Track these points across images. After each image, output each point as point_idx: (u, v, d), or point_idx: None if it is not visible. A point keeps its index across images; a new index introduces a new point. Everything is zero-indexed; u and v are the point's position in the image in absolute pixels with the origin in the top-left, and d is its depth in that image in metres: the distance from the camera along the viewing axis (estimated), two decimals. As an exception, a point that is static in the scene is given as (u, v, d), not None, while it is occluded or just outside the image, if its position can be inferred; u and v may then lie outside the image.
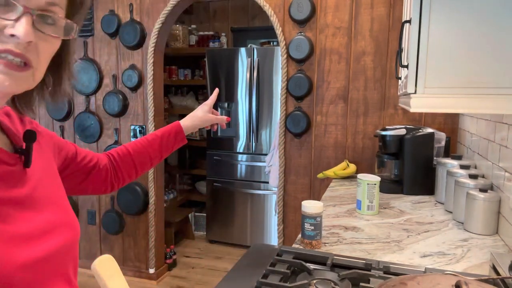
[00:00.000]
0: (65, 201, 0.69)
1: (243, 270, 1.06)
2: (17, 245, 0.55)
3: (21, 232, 0.57)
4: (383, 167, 2.09)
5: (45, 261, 0.59)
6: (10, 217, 0.57)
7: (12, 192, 0.58)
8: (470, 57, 0.87)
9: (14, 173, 0.60)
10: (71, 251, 0.66)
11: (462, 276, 0.65)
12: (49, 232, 0.61)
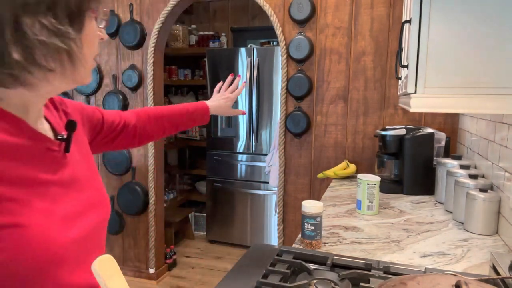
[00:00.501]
0: (99, 181, 0.76)
1: (243, 270, 1.06)
2: (67, 223, 0.62)
3: (69, 211, 0.64)
4: (383, 167, 2.09)
5: (89, 236, 0.66)
6: (59, 197, 0.63)
7: (58, 175, 0.64)
8: (470, 57, 0.87)
9: (57, 158, 0.66)
10: (105, 226, 0.75)
11: (462, 276, 0.65)
12: (89, 210, 0.68)
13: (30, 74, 0.57)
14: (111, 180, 3.05)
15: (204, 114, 1.23)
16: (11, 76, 0.56)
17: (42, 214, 0.58)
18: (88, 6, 0.60)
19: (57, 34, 0.56)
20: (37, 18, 0.55)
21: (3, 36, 0.53)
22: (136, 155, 2.97)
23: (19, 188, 0.57)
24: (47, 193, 0.61)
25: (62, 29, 0.57)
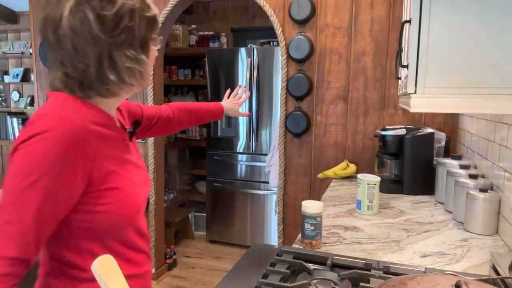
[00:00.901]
0: (144, 163, 1.02)
1: (243, 270, 1.06)
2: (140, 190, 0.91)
3: (138, 181, 0.91)
4: (383, 167, 2.09)
5: (146, 200, 0.97)
6: (132, 172, 0.90)
7: (129, 157, 0.91)
8: (470, 57, 0.87)
9: (127, 145, 0.93)
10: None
11: (462, 276, 0.65)
12: (145, 183, 0.96)
13: (119, 89, 0.84)
14: (111, 180, 3.05)
15: (220, 113, 1.54)
16: (107, 90, 0.83)
17: (128, 181, 0.86)
18: (150, 37, 0.87)
19: (136, 61, 0.83)
20: (123, 51, 0.81)
21: (102, 64, 0.80)
22: (136, 155, 2.97)
23: (115, 165, 0.84)
24: (127, 168, 0.88)
25: (138, 57, 0.84)
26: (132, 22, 0.81)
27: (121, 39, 0.80)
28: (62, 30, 0.78)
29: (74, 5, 0.77)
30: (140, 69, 0.84)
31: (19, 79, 4.97)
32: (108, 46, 0.79)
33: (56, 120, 0.75)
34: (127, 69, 0.82)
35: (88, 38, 0.78)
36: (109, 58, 0.80)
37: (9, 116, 4.97)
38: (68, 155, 0.74)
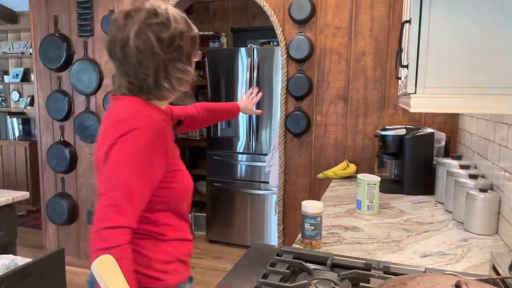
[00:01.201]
0: None
1: (243, 270, 1.06)
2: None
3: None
4: (383, 167, 2.09)
5: None
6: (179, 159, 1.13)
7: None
8: (470, 57, 0.87)
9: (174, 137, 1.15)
10: None
11: (462, 276, 0.65)
12: None
13: (170, 94, 1.07)
14: (111, 180, 3.05)
15: (236, 112, 1.72)
16: (161, 95, 1.06)
17: (183, 165, 1.13)
18: (193, 52, 1.08)
19: (184, 72, 1.05)
20: (175, 65, 1.03)
21: (159, 75, 1.02)
22: (136, 155, 2.97)
23: (175, 151, 1.10)
24: (179, 158, 1.13)
25: (186, 69, 1.06)
26: (182, 42, 1.04)
27: (173, 55, 1.02)
28: (128, 48, 1.01)
29: (138, 30, 0.99)
30: (186, 78, 1.08)
31: (19, 79, 4.97)
32: (164, 61, 1.02)
33: (143, 118, 0.99)
34: (177, 79, 1.05)
35: (149, 55, 1.00)
36: (164, 70, 1.03)
37: (9, 116, 4.97)
38: (156, 142, 0.98)
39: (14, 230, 2.18)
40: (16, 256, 1.81)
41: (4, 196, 2.13)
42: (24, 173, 4.89)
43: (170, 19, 1.03)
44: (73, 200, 3.17)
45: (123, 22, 1.01)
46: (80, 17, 2.98)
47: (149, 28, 0.99)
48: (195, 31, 1.09)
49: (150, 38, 0.99)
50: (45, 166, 3.24)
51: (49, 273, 1.72)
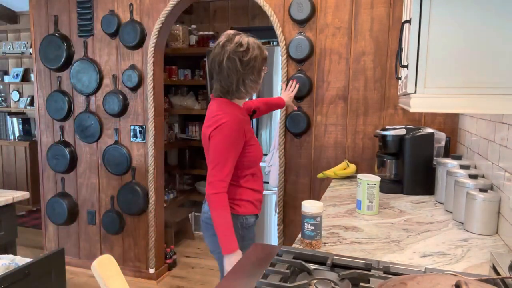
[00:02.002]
0: None
1: (243, 270, 1.06)
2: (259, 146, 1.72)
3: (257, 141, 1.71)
4: (383, 167, 2.09)
5: None
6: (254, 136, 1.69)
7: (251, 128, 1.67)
8: (470, 57, 0.87)
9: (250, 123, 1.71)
10: None
11: (462, 276, 0.65)
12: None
13: (245, 95, 1.66)
14: (111, 180, 3.05)
15: (282, 105, 2.21)
16: (240, 96, 1.65)
17: (255, 141, 1.67)
18: (262, 68, 1.64)
19: (255, 82, 1.63)
20: (249, 77, 1.60)
21: (239, 84, 1.60)
22: (136, 155, 2.97)
23: (250, 133, 1.64)
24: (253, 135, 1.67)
25: (256, 80, 1.64)
26: (255, 63, 1.60)
27: (250, 71, 1.59)
28: (222, 66, 1.58)
29: (228, 55, 1.57)
30: (256, 86, 1.65)
31: (19, 79, 4.98)
32: (243, 75, 1.59)
33: (229, 114, 1.57)
34: (250, 86, 1.62)
35: (234, 71, 1.57)
36: (243, 81, 1.60)
37: (9, 116, 4.98)
38: (238, 131, 1.56)
39: (14, 230, 2.18)
40: (16, 256, 1.81)
41: (4, 196, 2.13)
42: (24, 173, 4.89)
43: (249, 48, 1.59)
44: (73, 200, 3.17)
45: (220, 50, 1.59)
46: (80, 17, 2.98)
47: (235, 53, 1.57)
48: (265, 54, 1.66)
49: (236, 60, 1.56)
50: (45, 166, 3.24)
51: (49, 273, 1.72)
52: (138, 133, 2.95)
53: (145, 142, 2.94)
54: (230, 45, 1.58)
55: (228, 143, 1.54)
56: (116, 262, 1.29)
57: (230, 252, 1.53)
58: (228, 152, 1.54)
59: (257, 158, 1.69)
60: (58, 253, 1.75)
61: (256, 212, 1.78)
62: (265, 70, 1.67)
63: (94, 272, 1.14)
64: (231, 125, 1.54)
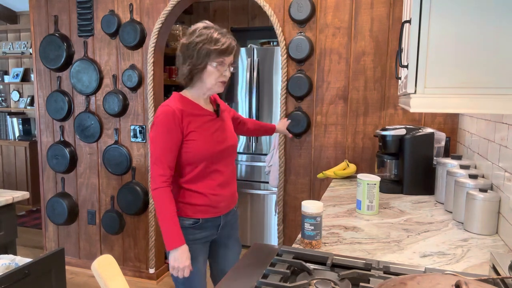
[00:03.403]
0: (232, 128, 1.69)
1: (243, 270, 1.06)
2: (218, 143, 1.57)
3: (219, 139, 1.58)
4: (383, 167, 2.09)
5: (226, 149, 1.60)
6: (218, 133, 1.58)
7: (216, 125, 1.59)
8: (470, 57, 0.87)
9: (214, 119, 1.60)
10: (234, 150, 1.67)
11: (462, 276, 0.65)
12: (227, 139, 1.61)
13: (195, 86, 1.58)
14: (111, 180, 3.05)
15: (272, 131, 2.24)
16: (189, 86, 1.59)
17: (202, 138, 1.53)
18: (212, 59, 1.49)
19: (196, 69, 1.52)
20: (187, 61, 1.51)
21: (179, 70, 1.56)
22: (136, 155, 2.97)
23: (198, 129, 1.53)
24: (208, 130, 1.56)
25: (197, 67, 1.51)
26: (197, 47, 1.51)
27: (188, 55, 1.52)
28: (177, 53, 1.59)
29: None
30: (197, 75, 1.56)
31: (19, 79, 4.98)
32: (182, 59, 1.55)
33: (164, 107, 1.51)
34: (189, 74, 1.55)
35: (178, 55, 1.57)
36: (182, 65, 1.54)
37: (9, 116, 4.98)
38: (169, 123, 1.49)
39: (14, 230, 2.18)
40: (16, 256, 1.81)
41: (4, 196, 2.13)
42: (24, 173, 4.89)
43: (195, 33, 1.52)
44: (73, 200, 3.17)
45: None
46: (80, 17, 2.98)
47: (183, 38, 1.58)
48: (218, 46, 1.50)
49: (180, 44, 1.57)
50: (45, 166, 3.24)
51: (49, 273, 1.72)
52: (138, 133, 2.95)
53: (145, 142, 2.94)
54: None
55: (159, 134, 1.47)
56: (116, 262, 1.29)
57: (173, 248, 1.47)
58: (162, 143, 1.46)
59: (198, 155, 1.51)
60: (58, 253, 1.75)
61: (197, 216, 1.57)
62: (222, 65, 1.51)
63: (94, 272, 1.14)
64: (162, 118, 1.47)
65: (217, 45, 1.47)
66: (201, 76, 1.52)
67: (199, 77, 1.52)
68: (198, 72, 1.51)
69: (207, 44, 1.47)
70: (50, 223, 3.28)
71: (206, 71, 1.50)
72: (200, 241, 1.62)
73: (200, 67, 1.49)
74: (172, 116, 1.47)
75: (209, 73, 1.50)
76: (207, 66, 1.49)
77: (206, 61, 1.48)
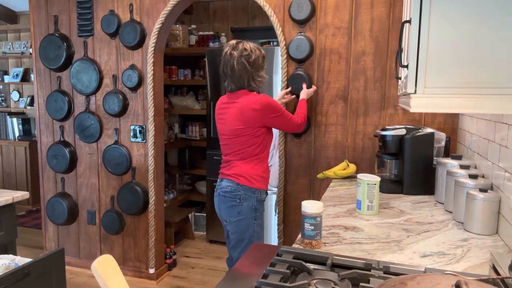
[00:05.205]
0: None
1: (243, 270, 1.06)
2: None
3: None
4: (383, 167, 2.09)
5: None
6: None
7: None
8: (470, 57, 0.87)
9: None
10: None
11: (462, 276, 0.65)
12: None
13: (255, 89, 2.05)
14: (111, 180, 3.05)
15: None
16: (250, 90, 2.03)
17: None
18: (264, 65, 2.05)
19: (262, 76, 2.04)
20: (256, 73, 2.00)
21: (249, 81, 2.00)
22: (136, 155, 2.97)
23: None
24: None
25: (262, 75, 2.04)
26: (259, 61, 1.99)
27: (256, 69, 1.98)
28: (234, 69, 1.95)
29: (237, 60, 1.94)
30: (263, 80, 2.04)
31: (19, 79, 4.98)
32: (251, 73, 1.97)
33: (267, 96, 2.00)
34: (259, 81, 2.01)
35: (244, 71, 1.95)
36: (252, 78, 1.98)
37: (9, 116, 4.98)
38: None
39: (14, 230, 2.18)
40: (16, 256, 1.81)
41: (4, 196, 2.13)
42: (24, 173, 4.89)
43: (252, 51, 1.96)
44: (73, 200, 3.17)
45: (229, 57, 1.95)
46: (80, 17, 2.98)
47: (242, 57, 1.93)
48: (263, 53, 2.02)
49: (244, 63, 1.94)
50: (45, 166, 3.24)
51: (49, 273, 1.71)
52: (138, 133, 2.95)
53: (145, 142, 2.94)
54: (236, 52, 1.94)
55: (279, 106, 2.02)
56: (116, 262, 1.29)
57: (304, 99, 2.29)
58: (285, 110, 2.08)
59: (271, 140, 2.09)
60: (58, 253, 1.75)
61: (266, 188, 2.10)
62: (265, 66, 2.05)
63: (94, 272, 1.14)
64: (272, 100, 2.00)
65: (263, 52, 2.04)
66: (259, 79, 2.03)
67: (257, 80, 2.02)
68: (258, 77, 2.02)
69: (261, 55, 2.02)
70: (50, 223, 3.28)
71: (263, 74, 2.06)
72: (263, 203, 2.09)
73: (261, 73, 2.03)
74: None
75: (264, 75, 2.06)
76: (264, 71, 2.06)
77: (263, 67, 2.04)
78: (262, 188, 2.03)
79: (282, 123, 2.02)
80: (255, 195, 2.00)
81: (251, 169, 2.00)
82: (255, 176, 2.00)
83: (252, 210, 2.00)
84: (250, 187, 1.99)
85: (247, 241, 2.02)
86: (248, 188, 1.99)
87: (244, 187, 1.99)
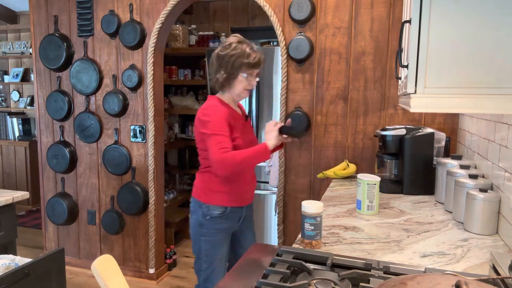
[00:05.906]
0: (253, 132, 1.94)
1: (243, 270, 1.06)
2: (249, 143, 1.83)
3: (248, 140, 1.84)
4: (383, 167, 2.09)
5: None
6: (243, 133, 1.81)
7: (246, 127, 1.88)
8: (470, 57, 0.87)
9: (243, 121, 1.86)
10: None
11: (462, 276, 0.65)
12: (252, 142, 1.87)
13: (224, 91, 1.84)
14: (111, 180, 3.05)
15: None
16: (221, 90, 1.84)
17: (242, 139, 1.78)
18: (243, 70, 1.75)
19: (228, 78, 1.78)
20: (221, 70, 1.76)
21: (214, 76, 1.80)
22: (136, 155, 2.97)
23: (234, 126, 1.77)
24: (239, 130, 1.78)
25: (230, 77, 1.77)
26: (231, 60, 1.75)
27: (224, 66, 1.77)
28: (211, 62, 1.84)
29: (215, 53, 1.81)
30: (229, 83, 1.80)
31: (19, 79, 4.98)
32: (218, 67, 1.80)
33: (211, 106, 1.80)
34: (222, 82, 1.79)
35: (213, 63, 1.82)
36: (215, 73, 1.80)
37: (9, 116, 4.98)
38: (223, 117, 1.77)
39: (14, 230, 2.18)
40: (16, 256, 1.81)
41: (4, 196, 2.13)
42: (24, 173, 4.89)
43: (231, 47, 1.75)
44: (73, 200, 3.17)
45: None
46: (80, 17, 2.98)
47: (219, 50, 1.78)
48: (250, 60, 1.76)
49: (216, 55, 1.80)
50: (45, 166, 3.24)
51: (49, 273, 1.71)
52: (138, 133, 2.95)
53: (145, 142, 2.94)
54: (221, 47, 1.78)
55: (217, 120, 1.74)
56: (116, 262, 1.29)
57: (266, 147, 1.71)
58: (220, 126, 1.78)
59: None
60: (58, 253, 1.75)
61: (224, 204, 1.81)
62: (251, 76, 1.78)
63: (94, 272, 1.14)
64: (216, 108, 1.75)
65: (249, 59, 1.73)
66: (233, 83, 1.77)
67: (230, 84, 1.77)
68: (230, 80, 1.76)
69: (241, 58, 1.72)
70: (50, 223, 3.28)
71: (237, 80, 1.76)
72: (224, 231, 1.84)
73: (232, 76, 1.74)
74: (224, 113, 1.72)
75: (239, 81, 1.76)
76: (238, 76, 1.75)
77: (238, 72, 1.74)
78: (213, 204, 1.79)
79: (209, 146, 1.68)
80: (202, 210, 1.80)
81: (199, 182, 1.84)
82: (203, 189, 1.81)
83: (197, 225, 1.82)
84: (197, 200, 1.82)
85: (197, 257, 1.86)
86: (196, 201, 1.84)
87: (193, 199, 1.86)
